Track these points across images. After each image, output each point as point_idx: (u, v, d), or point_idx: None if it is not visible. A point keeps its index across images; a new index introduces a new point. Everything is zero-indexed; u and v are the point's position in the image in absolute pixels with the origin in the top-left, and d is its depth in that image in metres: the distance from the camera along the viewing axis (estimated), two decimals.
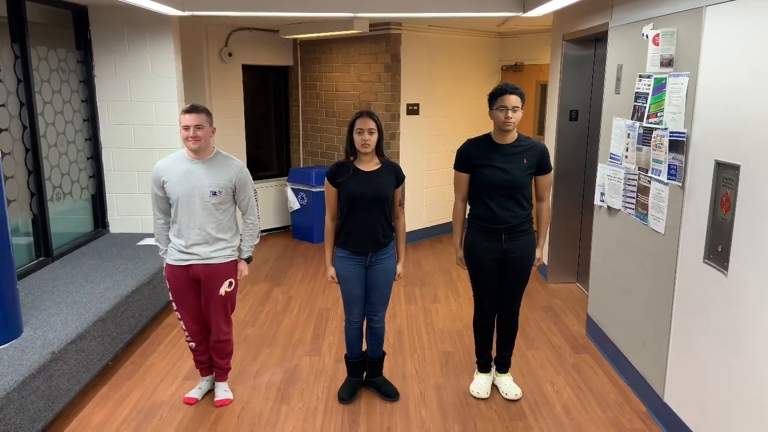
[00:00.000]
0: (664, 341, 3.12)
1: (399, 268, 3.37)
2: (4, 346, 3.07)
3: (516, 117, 3.07)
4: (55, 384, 3.06)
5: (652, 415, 3.27)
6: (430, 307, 4.90)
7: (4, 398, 2.64)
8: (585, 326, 4.44)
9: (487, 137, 3.24)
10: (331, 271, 3.31)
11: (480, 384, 3.49)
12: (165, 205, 3.20)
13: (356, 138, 3.13)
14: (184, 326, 3.33)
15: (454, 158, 3.32)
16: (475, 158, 3.19)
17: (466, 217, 3.38)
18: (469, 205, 3.34)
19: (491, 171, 3.15)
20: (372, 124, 3.11)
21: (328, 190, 3.23)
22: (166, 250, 3.25)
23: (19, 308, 3.21)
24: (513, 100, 3.06)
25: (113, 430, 3.14)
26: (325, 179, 3.23)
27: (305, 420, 3.25)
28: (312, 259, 6.23)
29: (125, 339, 3.89)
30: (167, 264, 3.23)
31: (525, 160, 3.16)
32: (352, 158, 3.21)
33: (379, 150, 3.20)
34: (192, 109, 3.05)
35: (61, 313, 3.48)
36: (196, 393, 3.41)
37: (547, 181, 3.29)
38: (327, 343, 4.19)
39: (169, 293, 3.28)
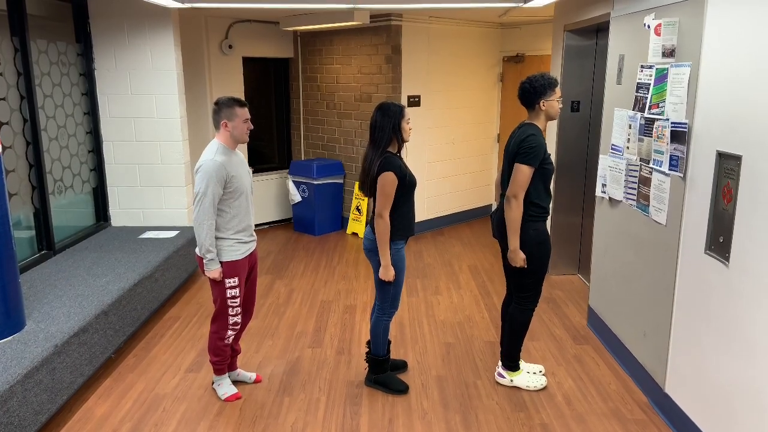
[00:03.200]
0: (666, 332, 3.12)
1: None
2: (7, 339, 3.08)
3: None
4: (59, 377, 3.07)
5: (653, 406, 3.28)
6: (431, 299, 4.91)
7: (8, 391, 2.65)
8: (586, 317, 4.45)
9: (538, 128, 3.21)
10: (393, 272, 3.20)
11: (538, 377, 3.48)
12: (217, 203, 3.10)
13: (405, 127, 3.19)
14: (239, 320, 3.28)
15: (455, 150, 3.33)
16: (546, 150, 3.18)
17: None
18: (531, 200, 3.18)
19: (551, 159, 3.22)
20: None
21: (393, 185, 3.11)
22: (215, 252, 3.13)
23: (21, 301, 3.22)
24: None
25: (117, 422, 3.16)
26: (391, 174, 3.09)
27: (307, 411, 3.26)
28: (314, 251, 6.24)
29: (128, 332, 3.90)
30: (233, 261, 3.15)
31: None
32: (398, 149, 3.24)
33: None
34: (245, 103, 3.16)
35: (63, 306, 3.49)
36: (233, 388, 3.41)
37: None
38: (329, 335, 4.20)
39: (229, 291, 3.18)
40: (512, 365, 3.47)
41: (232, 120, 3.11)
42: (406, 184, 3.18)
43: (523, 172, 3.11)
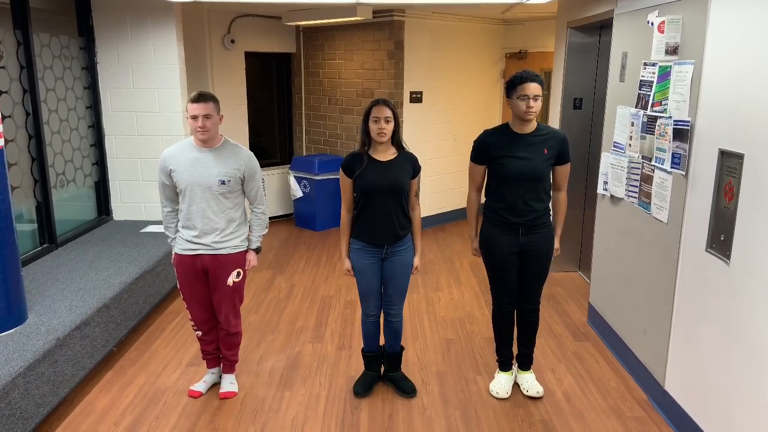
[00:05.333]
0: (666, 330, 3.13)
1: (416, 261, 3.32)
2: (9, 332, 3.09)
3: (537, 106, 2.94)
4: (60, 369, 3.08)
5: (653, 403, 3.28)
6: (432, 295, 4.91)
7: (10, 383, 2.67)
8: (587, 314, 4.45)
9: (505, 127, 3.12)
10: (347, 264, 3.27)
11: (500, 383, 3.38)
12: (172, 193, 3.17)
13: (372, 127, 3.06)
14: (190, 315, 3.30)
15: (457, 147, 3.30)
16: (493, 149, 3.08)
17: (482, 210, 3.31)
18: (486, 197, 3.22)
19: (511, 162, 3.03)
20: (388, 113, 3.04)
21: (344, 181, 3.16)
22: (174, 237, 3.23)
23: (23, 294, 3.23)
24: (534, 88, 2.93)
25: (118, 415, 3.18)
26: (340, 170, 3.16)
27: (308, 406, 3.27)
28: (315, 247, 6.25)
29: (129, 325, 3.91)
30: (175, 253, 3.21)
31: (545, 150, 3.05)
32: (366, 148, 3.14)
33: (395, 139, 3.14)
34: (199, 98, 2.95)
35: (65, 299, 3.50)
36: (201, 386, 3.40)
37: (566, 171, 3.19)
38: (329, 331, 4.21)
39: (177, 281, 3.27)
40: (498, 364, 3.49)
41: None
42: (360, 185, 3.11)
43: (470, 167, 3.26)
